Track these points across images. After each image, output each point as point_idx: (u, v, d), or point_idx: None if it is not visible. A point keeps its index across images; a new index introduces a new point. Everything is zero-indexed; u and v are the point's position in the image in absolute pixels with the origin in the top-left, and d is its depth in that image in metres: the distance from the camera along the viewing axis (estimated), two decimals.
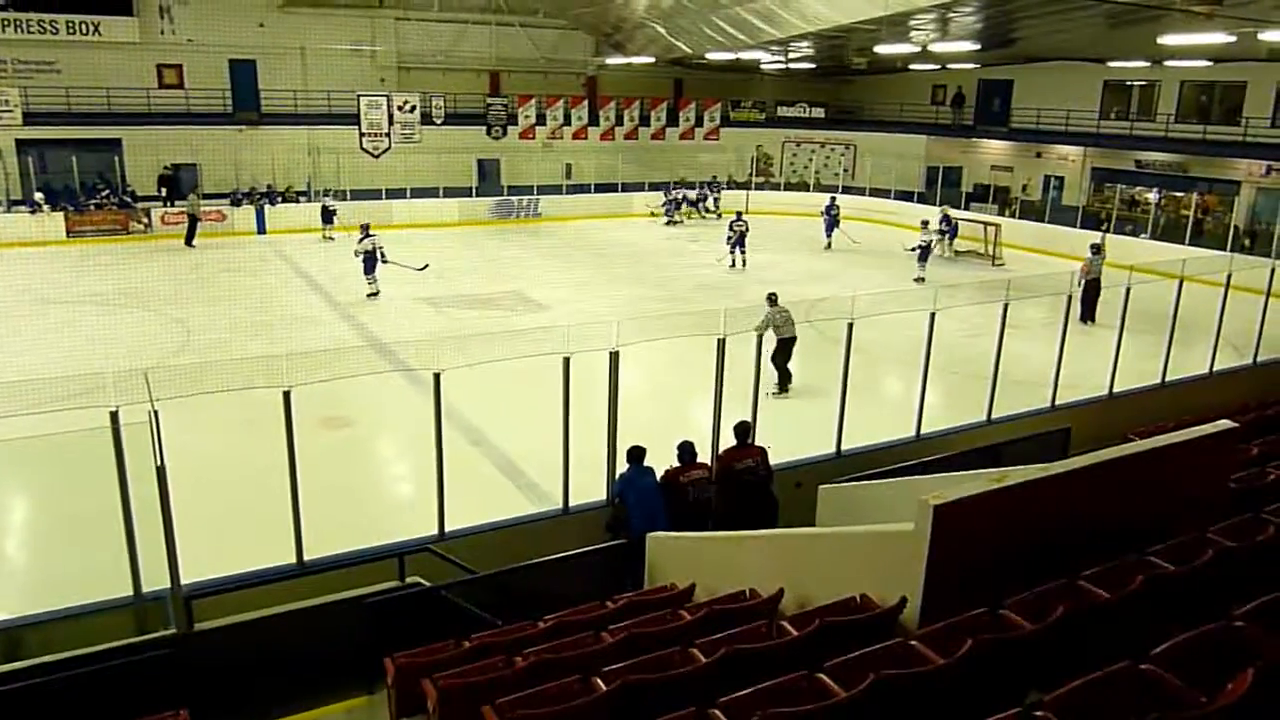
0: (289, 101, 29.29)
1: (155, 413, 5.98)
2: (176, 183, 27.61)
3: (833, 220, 26.56)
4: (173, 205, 26.54)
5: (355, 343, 14.93)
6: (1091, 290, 17.17)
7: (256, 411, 7.42)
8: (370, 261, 18.83)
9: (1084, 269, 17.78)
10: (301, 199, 27.97)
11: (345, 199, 28.07)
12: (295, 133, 28.97)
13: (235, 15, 28.13)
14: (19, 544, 9.48)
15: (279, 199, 27.67)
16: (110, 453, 6.16)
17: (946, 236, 25.54)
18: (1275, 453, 7.08)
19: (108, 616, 6.52)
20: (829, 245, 26.32)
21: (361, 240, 19.06)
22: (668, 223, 30.26)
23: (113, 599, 6.58)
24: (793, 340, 12.81)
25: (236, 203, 27.14)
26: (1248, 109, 25.86)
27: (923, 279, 21.47)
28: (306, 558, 7.23)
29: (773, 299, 12.91)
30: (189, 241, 24.90)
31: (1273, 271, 13.41)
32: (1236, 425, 5.48)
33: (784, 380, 12.97)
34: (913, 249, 22.28)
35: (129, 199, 26.39)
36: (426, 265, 19.81)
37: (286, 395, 6.91)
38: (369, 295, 18.82)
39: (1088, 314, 17.12)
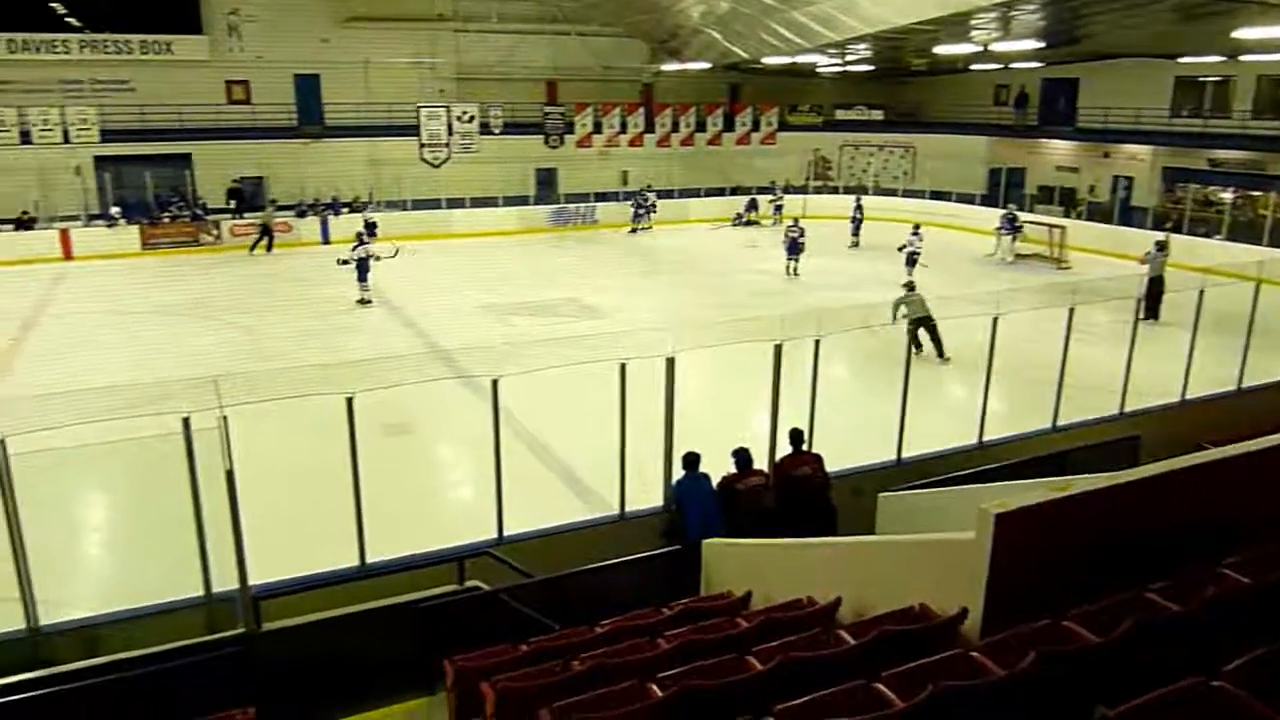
0: (351, 114, 29.95)
1: (225, 418, 6.17)
2: (244, 195, 28.39)
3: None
4: (242, 217, 27.31)
5: (416, 350, 15.18)
6: (1155, 287, 16.68)
7: (321, 418, 7.60)
8: (364, 269, 19.32)
9: (1151, 268, 17.35)
10: (367, 208, 28.54)
11: (406, 208, 28.59)
12: (357, 144, 29.61)
13: (300, 31, 28.92)
14: (98, 545, 9.82)
15: (343, 209, 28.26)
16: (183, 457, 6.36)
17: (1008, 238, 25.05)
18: None
19: (180, 616, 6.73)
20: (856, 244, 27.16)
21: (355, 248, 19.54)
22: (742, 224, 31.01)
23: (185, 599, 6.79)
24: (926, 319, 14.05)
25: (302, 214, 27.80)
26: None
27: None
28: (369, 560, 7.37)
29: (910, 286, 14.94)
30: (269, 248, 25.68)
31: None
32: None
33: (938, 349, 14.30)
34: (902, 249, 21.70)
35: (200, 212, 27.24)
36: (397, 251, 20.23)
37: (349, 401, 7.06)
38: (359, 302, 19.29)
39: (1151, 312, 16.65)
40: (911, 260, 21.35)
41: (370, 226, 25.97)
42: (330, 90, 29.95)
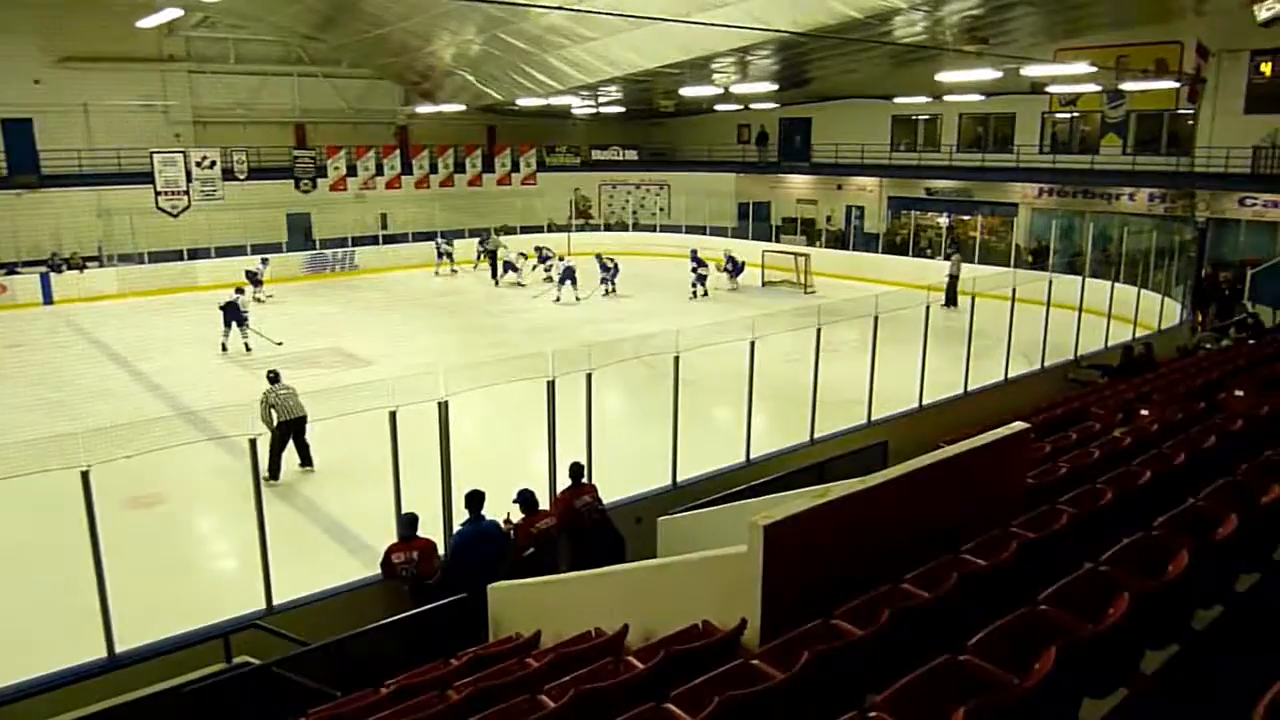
0: (73, 162, 27.33)
1: None
2: None
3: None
4: None
5: (162, 413, 13.97)
6: (954, 283, 21.33)
7: (54, 497, 6.83)
8: (232, 316, 18.73)
9: (953, 266, 21.99)
10: (90, 264, 26.02)
11: (143, 261, 26.41)
12: (81, 194, 27.02)
13: (6, 72, 26.10)
14: None
15: (64, 266, 25.62)
16: None
17: (726, 274, 26.35)
18: (1064, 448, 7.73)
19: None
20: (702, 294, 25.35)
21: (238, 295, 19.27)
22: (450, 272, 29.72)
23: None
24: (300, 420, 11.64)
25: (13, 272, 24.94)
26: (1018, 137, 28.51)
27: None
28: (119, 649, 6.67)
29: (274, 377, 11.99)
30: None
31: (1050, 284, 14.75)
32: (1029, 426, 5.96)
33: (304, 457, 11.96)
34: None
35: None
36: (281, 343, 19.08)
37: (85, 475, 6.40)
38: (221, 350, 18.74)
39: (951, 302, 21.26)
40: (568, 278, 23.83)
41: (255, 277, 24.34)
42: (46, 136, 27.17)
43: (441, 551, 8.01)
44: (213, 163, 27.90)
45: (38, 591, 8.46)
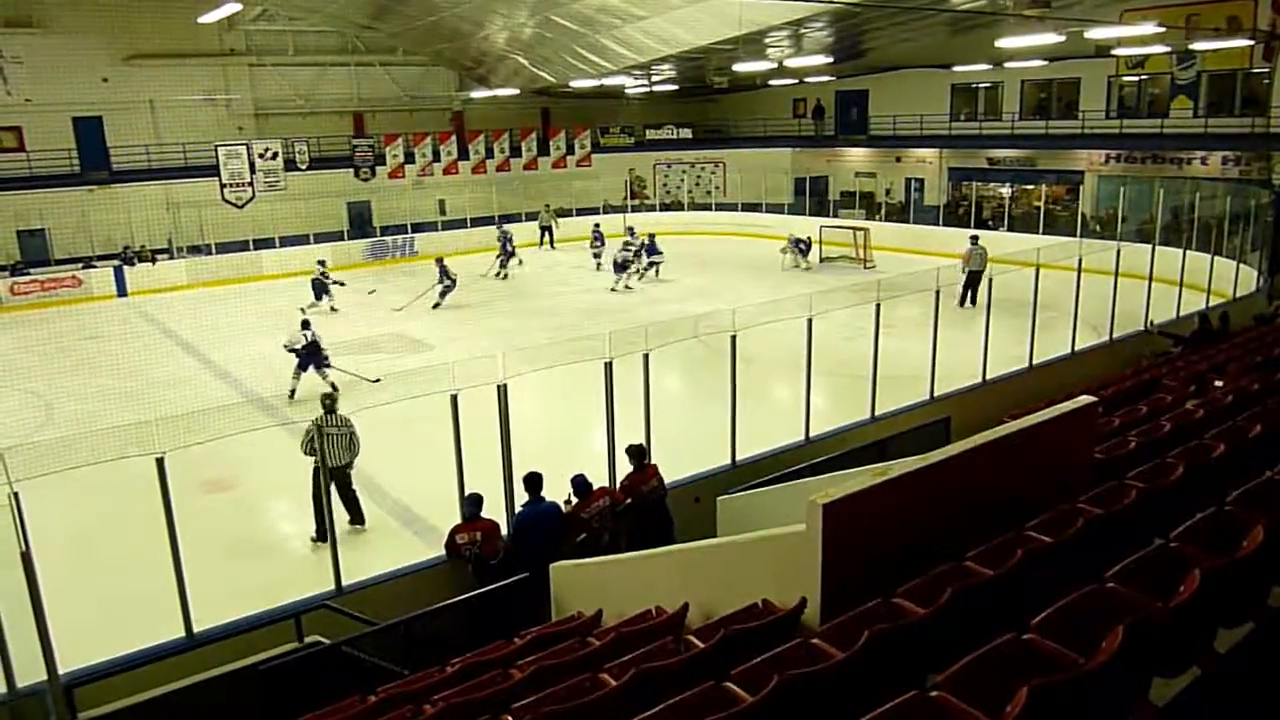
0: (141, 157, 28.11)
1: (15, 495, 5.65)
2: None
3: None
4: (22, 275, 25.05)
5: (233, 400, 14.36)
6: (973, 279, 18.27)
7: (133, 483, 7.08)
8: (310, 359, 14.87)
9: (965, 259, 18.94)
10: (160, 257, 26.81)
11: (210, 253, 27.10)
12: (150, 189, 27.80)
13: (76, 72, 26.82)
14: None
15: (136, 259, 26.41)
16: None
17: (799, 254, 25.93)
18: (1133, 422, 7.53)
19: None
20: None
21: (301, 333, 15.12)
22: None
23: None
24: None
25: (89, 266, 25.80)
26: (1084, 103, 27.62)
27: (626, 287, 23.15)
28: (197, 629, 6.92)
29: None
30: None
31: (1118, 253, 14.33)
32: (1096, 400, 5.82)
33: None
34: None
35: None
36: (379, 380, 14.77)
37: (160, 462, 6.62)
38: (289, 396, 14.56)
39: (967, 299, 18.32)
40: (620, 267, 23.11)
41: (322, 287, 21.79)
42: (115, 133, 27.94)
43: (504, 533, 8.13)
44: (275, 154, 28.43)
45: (120, 574, 8.78)
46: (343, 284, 22.30)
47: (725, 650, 3.95)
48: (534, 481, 7.96)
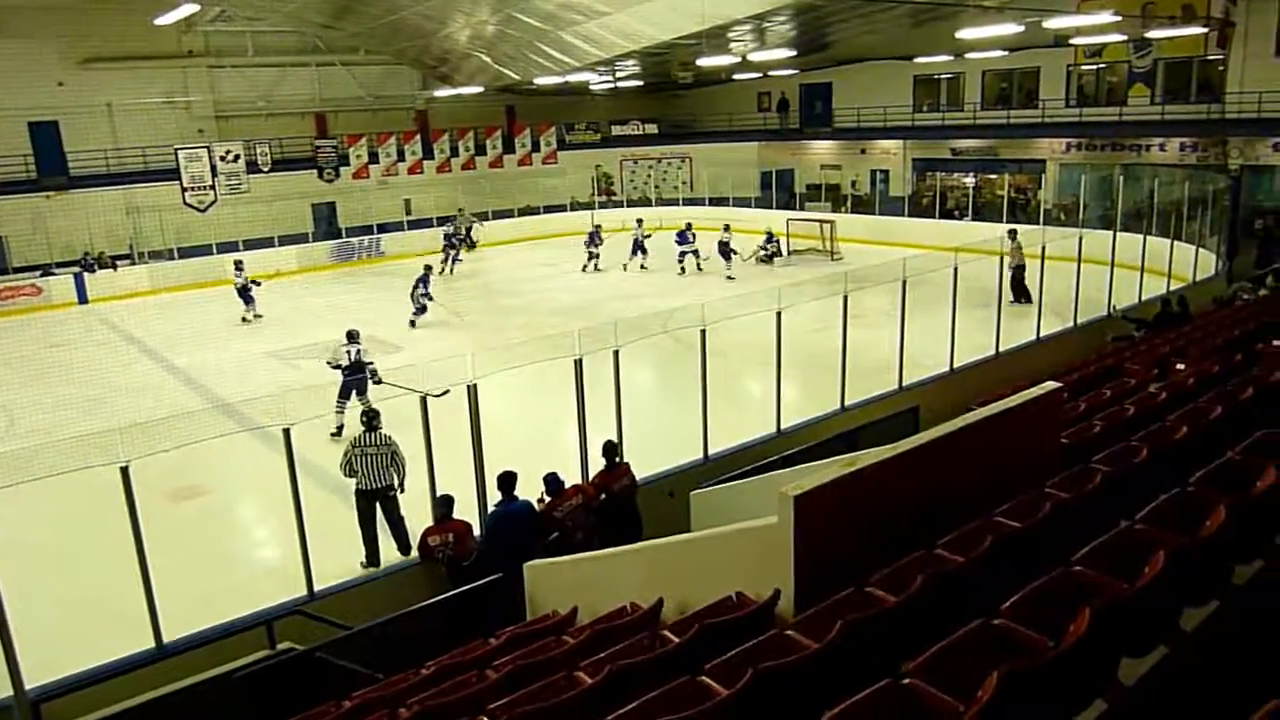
0: (100, 161, 27.64)
1: None
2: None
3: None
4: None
5: (199, 406, 14.18)
6: (1018, 274, 17.20)
7: (98, 493, 6.97)
8: (356, 382, 12.32)
9: (1012, 257, 17.43)
10: (122, 263, 26.34)
11: (173, 258, 26.73)
12: (110, 193, 27.31)
13: (30, 76, 26.34)
14: None
15: (96, 266, 25.94)
16: None
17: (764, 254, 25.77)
18: (1098, 406, 7.63)
19: None
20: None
21: (345, 346, 13.33)
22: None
23: None
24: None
25: (48, 273, 25.32)
26: (1044, 92, 27.95)
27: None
28: (166, 639, 6.82)
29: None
30: None
31: (1080, 240, 14.51)
32: (1061, 385, 5.89)
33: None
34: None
35: None
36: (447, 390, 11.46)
37: (124, 471, 6.52)
38: (334, 434, 12.38)
39: (1022, 296, 16.91)
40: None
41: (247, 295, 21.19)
42: (73, 137, 27.46)
43: (477, 533, 8.09)
44: (236, 156, 28.09)
45: (87, 585, 8.64)
46: (259, 283, 21.60)
47: (700, 644, 3.95)
48: (507, 481, 7.92)
